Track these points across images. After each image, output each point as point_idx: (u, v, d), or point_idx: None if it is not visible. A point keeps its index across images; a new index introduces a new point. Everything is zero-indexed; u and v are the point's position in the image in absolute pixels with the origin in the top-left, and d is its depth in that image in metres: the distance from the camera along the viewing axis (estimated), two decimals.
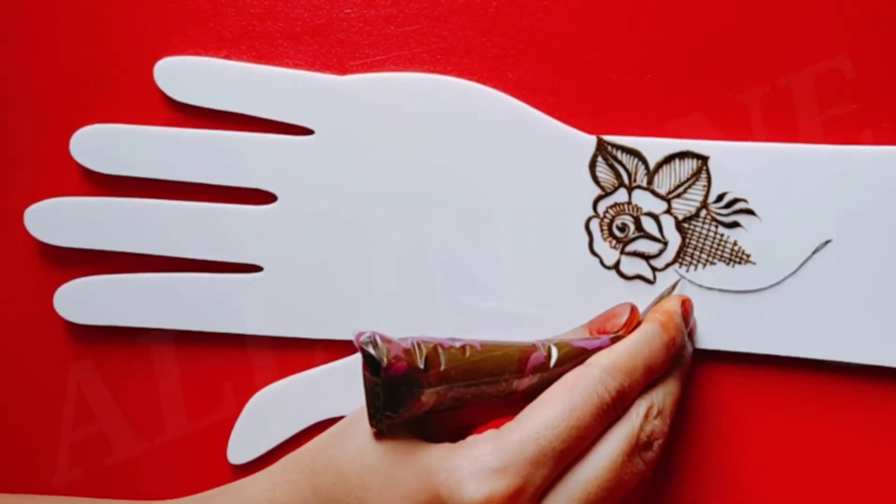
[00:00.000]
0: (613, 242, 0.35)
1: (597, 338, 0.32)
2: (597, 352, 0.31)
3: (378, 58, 0.36)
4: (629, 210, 0.35)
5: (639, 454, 0.30)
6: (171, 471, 0.38)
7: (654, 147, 0.35)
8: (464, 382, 0.29)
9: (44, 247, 0.38)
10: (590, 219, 0.35)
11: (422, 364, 0.29)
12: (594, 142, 0.35)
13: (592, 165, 0.35)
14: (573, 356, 0.31)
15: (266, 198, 0.37)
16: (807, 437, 0.36)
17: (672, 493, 0.36)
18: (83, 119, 0.37)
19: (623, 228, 0.35)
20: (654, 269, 0.35)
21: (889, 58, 0.34)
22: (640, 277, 0.35)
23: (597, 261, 0.36)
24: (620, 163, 0.35)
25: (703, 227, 0.35)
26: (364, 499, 0.29)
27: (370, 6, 0.36)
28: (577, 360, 0.31)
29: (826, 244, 0.34)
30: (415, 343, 0.29)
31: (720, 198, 0.35)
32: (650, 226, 0.35)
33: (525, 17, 0.36)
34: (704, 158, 0.35)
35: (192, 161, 0.37)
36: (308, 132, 0.36)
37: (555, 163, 0.35)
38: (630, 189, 0.35)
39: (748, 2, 0.35)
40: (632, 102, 0.35)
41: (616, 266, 0.35)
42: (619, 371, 0.30)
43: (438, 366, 0.29)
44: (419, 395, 0.29)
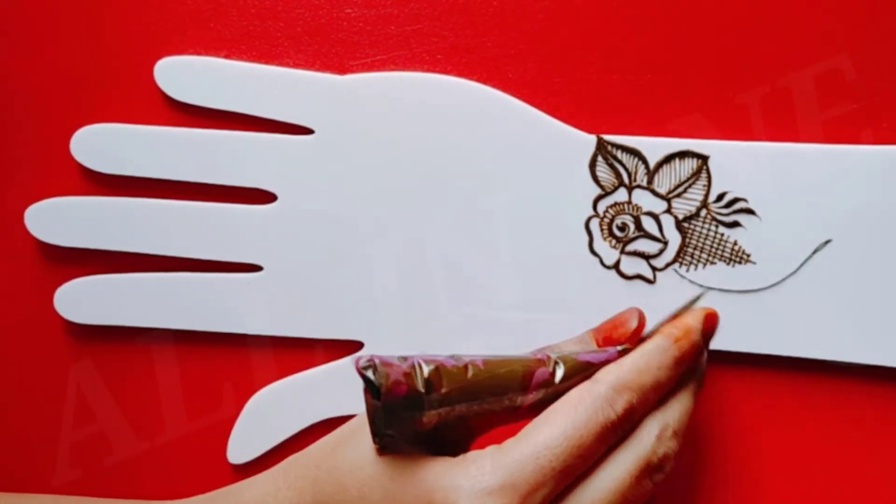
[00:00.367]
0: (613, 242, 0.35)
1: (603, 350, 0.31)
2: (603, 365, 0.30)
3: (378, 58, 0.36)
4: (629, 210, 0.35)
5: (649, 476, 0.29)
6: (171, 471, 0.38)
7: (654, 146, 0.35)
8: (466, 402, 0.29)
9: (44, 247, 0.38)
10: (590, 218, 0.35)
11: (422, 387, 0.28)
12: (594, 141, 0.35)
13: (592, 165, 0.35)
14: (579, 370, 0.30)
15: (266, 198, 0.37)
16: (807, 437, 0.36)
17: (671, 493, 0.36)
18: (83, 119, 0.37)
19: (623, 228, 0.35)
20: (654, 269, 0.35)
21: (889, 58, 0.34)
22: (640, 277, 0.35)
23: (597, 260, 0.36)
24: (620, 162, 0.35)
25: (704, 227, 0.35)
26: None
27: (370, 6, 0.36)
28: (584, 375, 0.30)
29: (826, 244, 0.34)
30: (416, 364, 0.29)
31: (720, 197, 0.35)
32: (650, 225, 0.35)
33: (525, 17, 0.36)
34: (704, 158, 0.35)
35: (192, 161, 0.37)
36: (308, 132, 0.36)
37: (555, 162, 0.35)
38: (630, 188, 0.35)
39: (748, 2, 0.35)
40: (632, 102, 0.35)
41: (616, 266, 0.35)
42: (627, 388, 0.29)
43: (440, 387, 0.29)
44: (420, 417, 0.28)
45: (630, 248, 0.35)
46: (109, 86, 0.37)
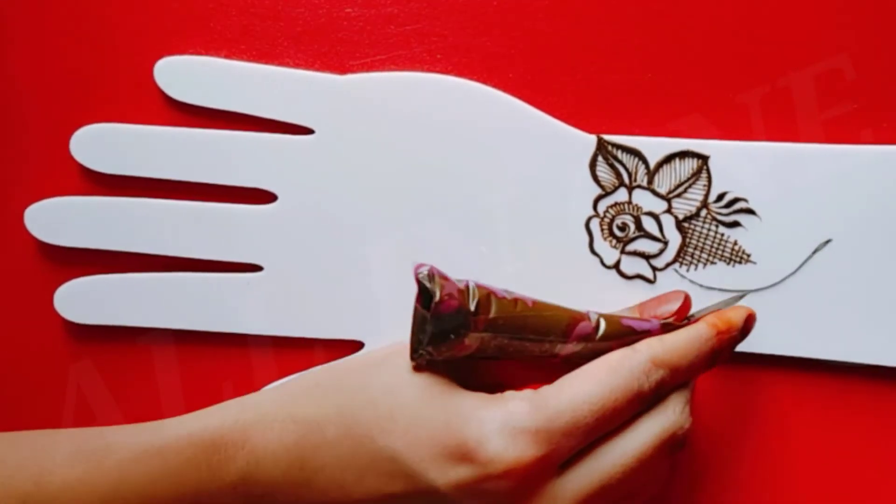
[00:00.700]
0: (614, 242, 0.35)
1: (647, 320, 0.32)
2: (644, 335, 0.31)
3: (378, 57, 0.36)
4: (629, 209, 0.35)
5: (670, 449, 0.30)
6: None
7: (655, 147, 0.35)
8: (509, 334, 0.30)
9: (44, 247, 0.38)
10: (590, 218, 0.35)
11: (473, 306, 0.29)
12: (594, 141, 0.35)
13: (593, 165, 0.35)
14: (620, 334, 0.31)
15: (266, 198, 0.37)
16: (807, 437, 0.36)
17: (671, 493, 0.36)
18: (83, 119, 0.37)
19: (623, 228, 0.35)
20: (655, 269, 0.35)
21: (889, 58, 0.34)
22: (641, 277, 0.35)
23: (597, 260, 0.36)
24: (621, 162, 0.35)
25: (704, 227, 0.35)
26: (389, 430, 0.29)
27: (370, 6, 0.36)
28: (623, 339, 0.31)
29: (826, 244, 0.34)
30: (470, 285, 0.29)
31: (720, 197, 0.35)
32: (650, 225, 0.35)
33: (525, 17, 0.36)
34: (705, 158, 0.35)
35: (192, 161, 0.37)
36: (308, 132, 0.36)
37: (555, 162, 0.35)
38: (630, 188, 0.35)
39: (748, 2, 0.35)
40: (632, 102, 0.35)
41: (616, 266, 0.35)
42: (665, 365, 0.30)
43: (488, 312, 0.29)
44: (464, 337, 0.29)
45: (630, 248, 0.35)
46: (109, 86, 0.37)
